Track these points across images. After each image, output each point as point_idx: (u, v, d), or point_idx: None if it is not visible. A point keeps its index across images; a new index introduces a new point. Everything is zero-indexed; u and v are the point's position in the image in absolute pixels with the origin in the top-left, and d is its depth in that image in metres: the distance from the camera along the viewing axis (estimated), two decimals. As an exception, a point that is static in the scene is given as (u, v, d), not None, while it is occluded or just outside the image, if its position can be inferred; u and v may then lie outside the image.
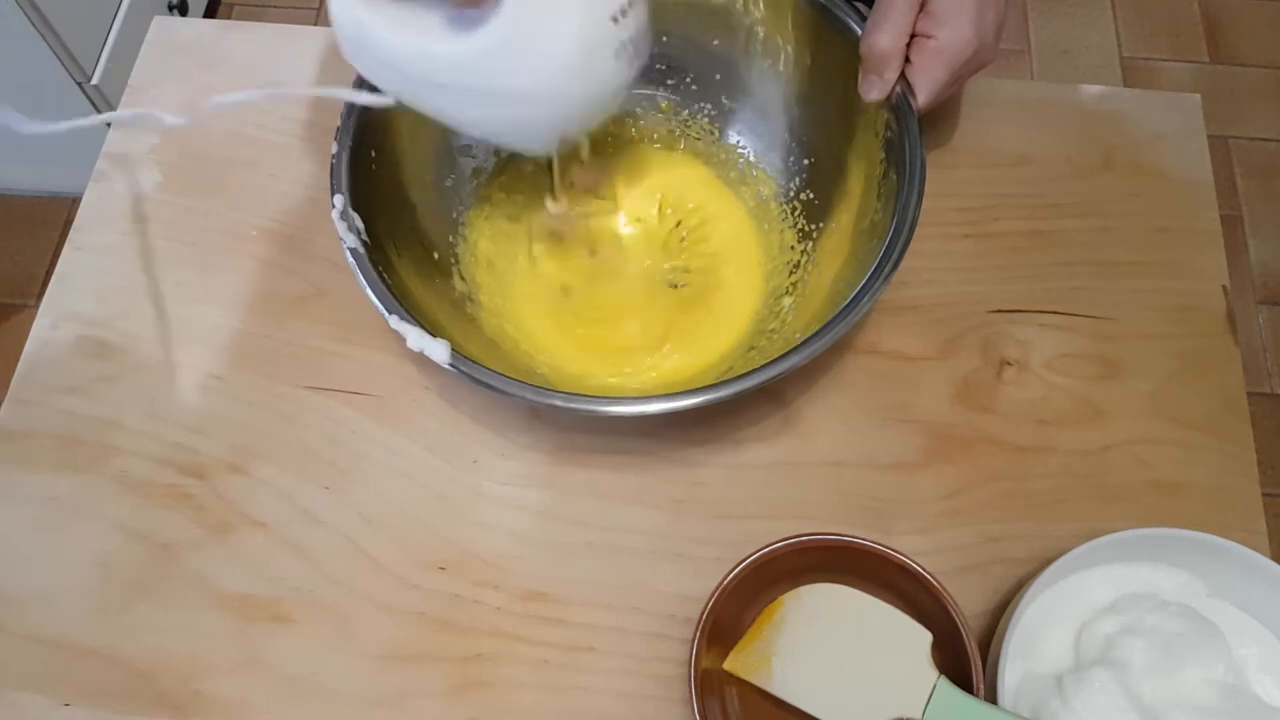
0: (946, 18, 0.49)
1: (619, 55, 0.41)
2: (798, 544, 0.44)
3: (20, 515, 0.50)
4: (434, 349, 0.45)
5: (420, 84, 0.43)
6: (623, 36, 0.41)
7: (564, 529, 0.50)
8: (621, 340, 0.55)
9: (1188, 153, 0.60)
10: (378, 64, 0.44)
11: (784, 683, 0.44)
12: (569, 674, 0.47)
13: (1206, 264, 0.57)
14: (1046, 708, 0.42)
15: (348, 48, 0.44)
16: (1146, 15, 1.57)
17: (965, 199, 0.58)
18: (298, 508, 0.50)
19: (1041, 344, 0.55)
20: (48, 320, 0.55)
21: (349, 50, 0.44)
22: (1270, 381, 1.29)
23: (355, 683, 0.47)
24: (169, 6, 1.34)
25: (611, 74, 0.42)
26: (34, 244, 1.35)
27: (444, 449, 0.52)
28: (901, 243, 0.47)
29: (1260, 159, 1.45)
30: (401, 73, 0.43)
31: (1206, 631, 0.43)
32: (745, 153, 0.59)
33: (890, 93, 0.50)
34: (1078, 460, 0.52)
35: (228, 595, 0.48)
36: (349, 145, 0.49)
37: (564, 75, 0.41)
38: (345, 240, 0.47)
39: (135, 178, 0.59)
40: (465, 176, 0.57)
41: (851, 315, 0.45)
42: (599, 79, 0.42)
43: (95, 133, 0.54)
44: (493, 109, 0.43)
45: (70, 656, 0.47)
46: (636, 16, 0.42)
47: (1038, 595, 0.44)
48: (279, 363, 0.54)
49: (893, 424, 0.53)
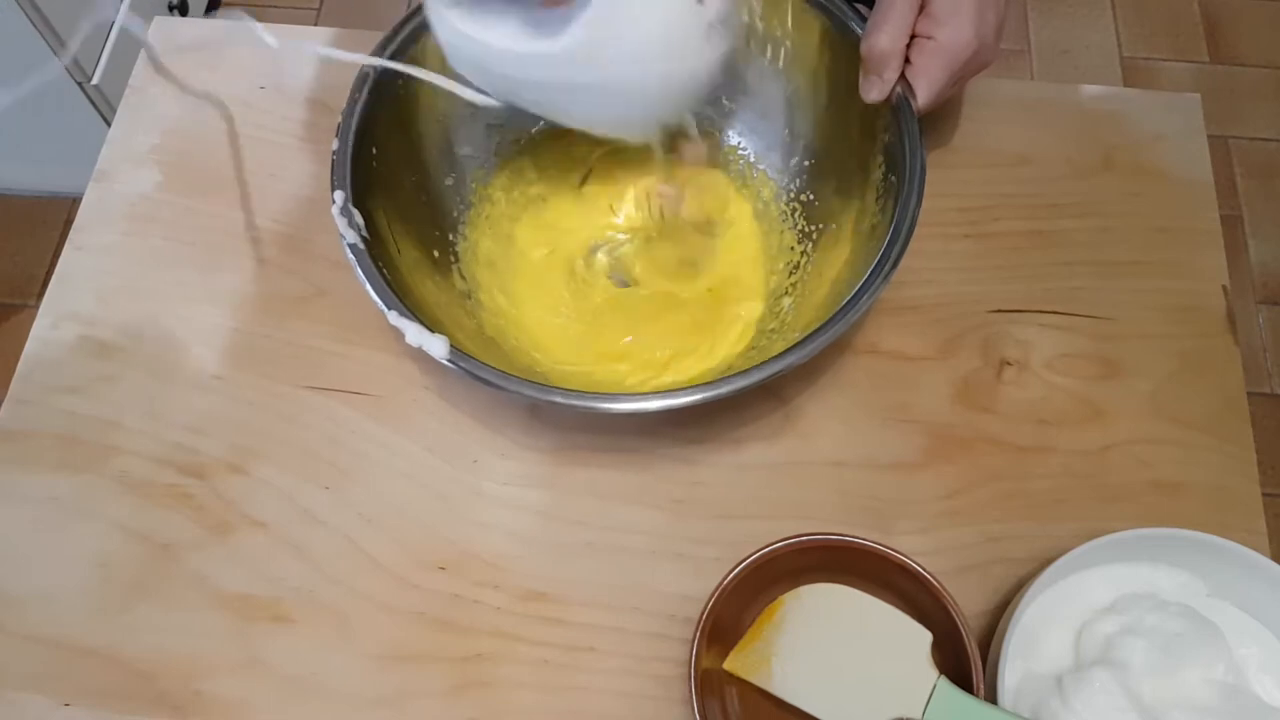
0: (946, 18, 0.49)
1: (707, 37, 0.41)
2: (798, 544, 0.44)
3: (20, 515, 0.50)
4: (432, 344, 0.45)
5: (519, 84, 0.44)
6: (709, 18, 0.41)
7: (564, 529, 0.50)
8: (621, 341, 0.55)
9: (1188, 153, 0.60)
10: (479, 70, 0.45)
11: (784, 683, 0.44)
12: (569, 674, 0.47)
13: (1206, 264, 0.57)
14: (1046, 708, 0.42)
15: (451, 56, 0.45)
16: (1146, 15, 1.57)
17: (965, 199, 0.58)
18: (298, 508, 0.50)
19: (1041, 344, 0.55)
20: (48, 320, 0.55)
21: (453, 59, 0.45)
22: (1270, 381, 1.29)
23: (355, 683, 0.47)
24: (169, 6, 1.34)
25: (701, 57, 0.42)
26: (34, 244, 1.35)
27: (444, 449, 0.52)
28: (901, 242, 0.47)
29: (1260, 159, 1.45)
30: (501, 76, 0.44)
31: (1206, 631, 0.43)
32: (746, 153, 0.59)
33: (890, 93, 0.50)
34: (1078, 460, 0.52)
35: (228, 595, 0.48)
36: (350, 142, 0.49)
37: (654, 64, 0.41)
38: (345, 236, 0.47)
39: (135, 178, 0.59)
40: (466, 175, 0.57)
41: (851, 314, 0.45)
42: (689, 64, 0.42)
43: (95, 133, 0.54)
44: (589, 102, 0.44)
45: (70, 656, 0.47)
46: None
47: (1038, 595, 0.44)
48: (279, 363, 0.54)
49: (893, 424, 0.53)
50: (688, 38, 0.41)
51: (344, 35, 0.63)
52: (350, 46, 0.51)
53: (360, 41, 0.57)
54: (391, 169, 0.52)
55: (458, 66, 0.45)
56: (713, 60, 0.43)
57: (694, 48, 0.42)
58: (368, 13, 1.56)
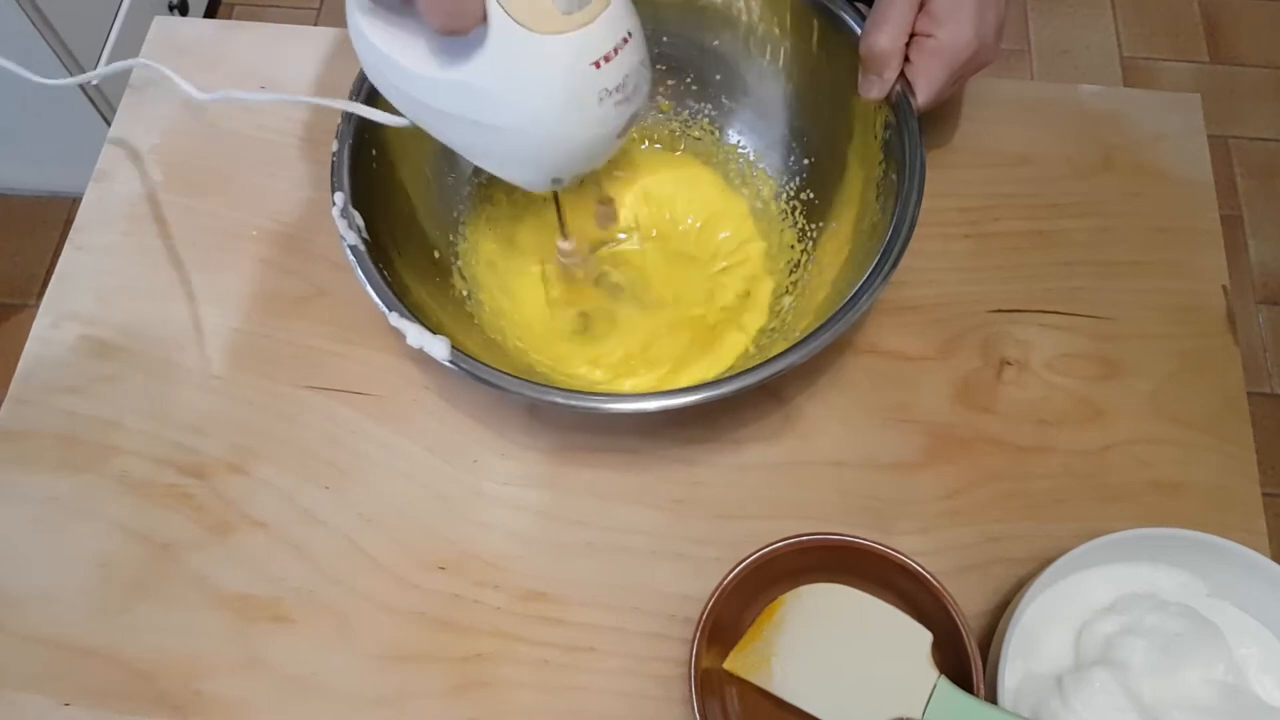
0: (946, 17, 0.49)
1: (603, 101, 0.39)
2: (798, 544, 0.44)
3: (20, 515, 0.50)
4: (434, 346, 0.45)
5: (422, 107, 0.43)
6: (607, 84, 0.39)
7: (564, 529, 0.50)
8: (622, 341, 0.55)
9: (1188, 153, 0.60)
10: (387, 84, 0.44)
11: (784, 682, 0.44)
12: (569, 674, 0.47)
13: (1206, 264, 0.57)
14: (1046, 708, 0.42)
15: (363, 63, 0.44)
16: (1146, 15, 1.57)
17: (965, 199, 0.58)
18: (298, 508, 0.50)
19: (1041, 344, 0.55)
20: (48, 320, 0.55)
21: (366, 66, 0.44)
22: (1270, 381, 1.29)
23: (355, 683, 0.47)
24: (169, 6, 1.34)
25: (597, 120, 0.40)
26: (34, 244, 1.35)
27: (444, 449, 0.52)
28: (901, 242, 0.47)
29: (1260, 159, 1.45)
30: (406, 94, 0.43)
31: (1206, 631, 0.43)
32: (745, 152, 0.59)
33: (890, 92, 0.50)
34: (1078, 460, 0.52)
35: (228, 595, 0.48)
36: (350, 143, 0.49)
37: (544, 117, 0.39)
38: (345, 238, 0.47)
39: (135, 178, 0.59)
40: (466, 175, 0.57)
41: (851, 314, 0.45)
42: (582, 124, 0.40)
43: (95, 133, 0.54)
44: (483, 141, 0.42)
45: (70, 656, 0.47)
46: (625, 62, 0.39)
47: (1038, 595, 0.44)
48: (279, 363, 0.54)
49: (893, 424, 0.53)
50: (581, 99, 0.39)
51: (345, 35, 0.63)
52: (350, 46, 0.51)
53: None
54: (391, 170, 0.52)
55: (371, 77, 0.44)
56: (609, 125, 0.41)
57: (588, 110, 0.39)
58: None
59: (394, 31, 0.41)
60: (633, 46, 0.39)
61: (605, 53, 0.38)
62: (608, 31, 0.38)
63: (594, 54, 0.38)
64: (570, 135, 0.41)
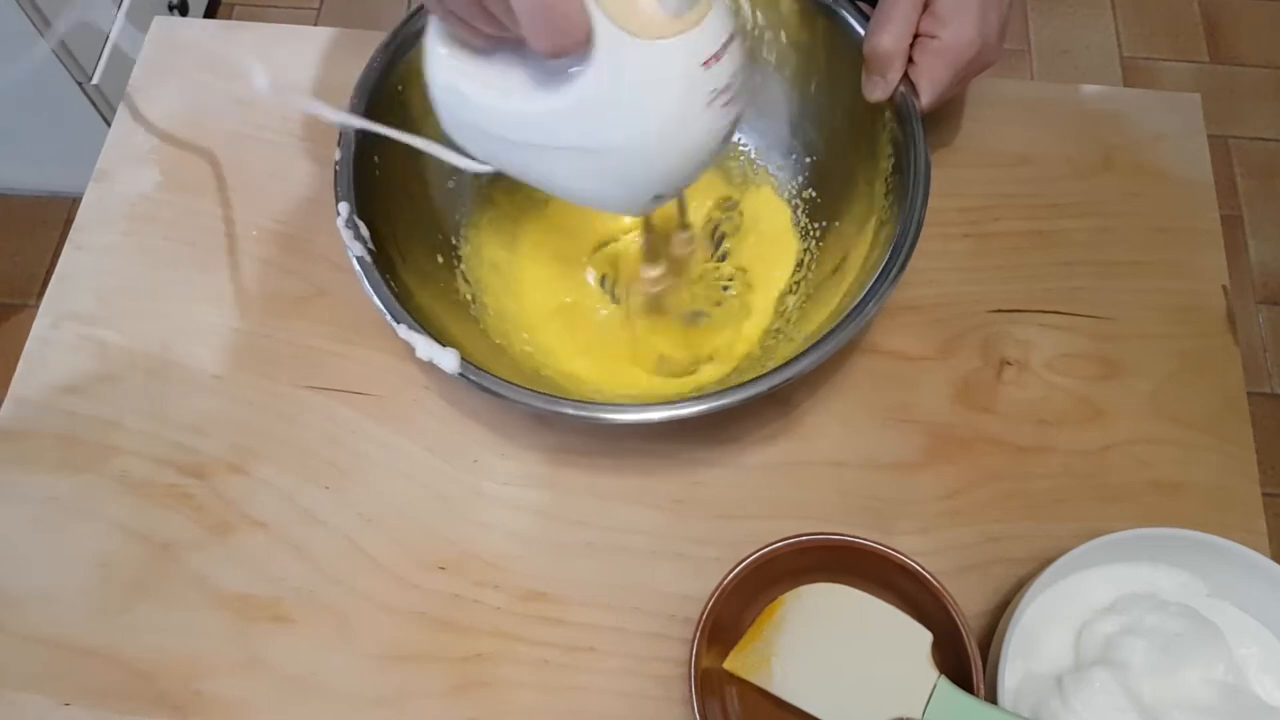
0: (950, 18, 0.49)
1: (711, 104, 0.39)
2: (798, 544, 0.44)
3: (20, 515, 0.50)
4: (443, 358, 0.44)
5: (515, 147, 0.41)
6: (716, 84, 0.38)
7: (564, 529, 0.50)
8: (628, 344, 0.55)
9: (1188, 153, 0.60)
10: (474, 130, 0.42)
11: (784, 683, 0.44)
12: (569, 674, 0.47)
13: (1206, 264, 0.57)
14: (1046, 708, 0.42)
15: (444, 115, 0.42)
16: (1146, 15, 1.57)
17: (965, 199, 0.58)
18: (298, 508, 0.50)
19: (1041, 344, 0.55)
20: (48, 320, 0.55)
21: (445, 119, 0.42)
22: (1270, 381, 1.29)
23: (355, 683, 0.47)
24: (169, 6, 1.34)
25: (706, 125, 0.39)
26: (34, 244, 1.35)
27: (444, 449, 0.52)
28: (908, 245, 0.47)
29: (1260, 159, 1.45)
30: (496, 136, 0.41)
31: (1206, 631, 0.43)
32: (746, 150, 0.59)
33: (893, 93, 0.50)
34: (1078, 460, 0.52)
35: (228, 595, 0.48)
36: (352, 151, 0.49)
37: (656, 128, 0.39)
38: (351, 249, 0.47)
39: (135, 178, 0.59)
40: (467, 178, 0.57)
41: (858, 320, 0.45)
42: (693, 131, 0.39)
43: (95, 133, 0.54)
44: (584, 169, 0.41)
45: (70, 656, 0.47)
46: (732, 61, 0.38)
47: (1038, 595, 0.44)
48: (279, 363, 0.54)
49: (893, 424, 0.53)
50: (691, 104, 0.38)
51: (344, 35, 0.63)
52: (350, 46, 0.51)
53: (361, 41, 0.57)
54: (394, 176, 0.52)
55: (452, 132, 0.43)
56: (717, 129, 0.40)
57: (697, 115, 0.38)
58: (368, 13, 1.56)
59: (481, 76, 0.40)
60: (737, 44, 0.39)
61: (715, 52, 0.38)
62: (716, 31, 0.37)
63: (704, 55, 0.37)
64: (681, 144, 0.40)
